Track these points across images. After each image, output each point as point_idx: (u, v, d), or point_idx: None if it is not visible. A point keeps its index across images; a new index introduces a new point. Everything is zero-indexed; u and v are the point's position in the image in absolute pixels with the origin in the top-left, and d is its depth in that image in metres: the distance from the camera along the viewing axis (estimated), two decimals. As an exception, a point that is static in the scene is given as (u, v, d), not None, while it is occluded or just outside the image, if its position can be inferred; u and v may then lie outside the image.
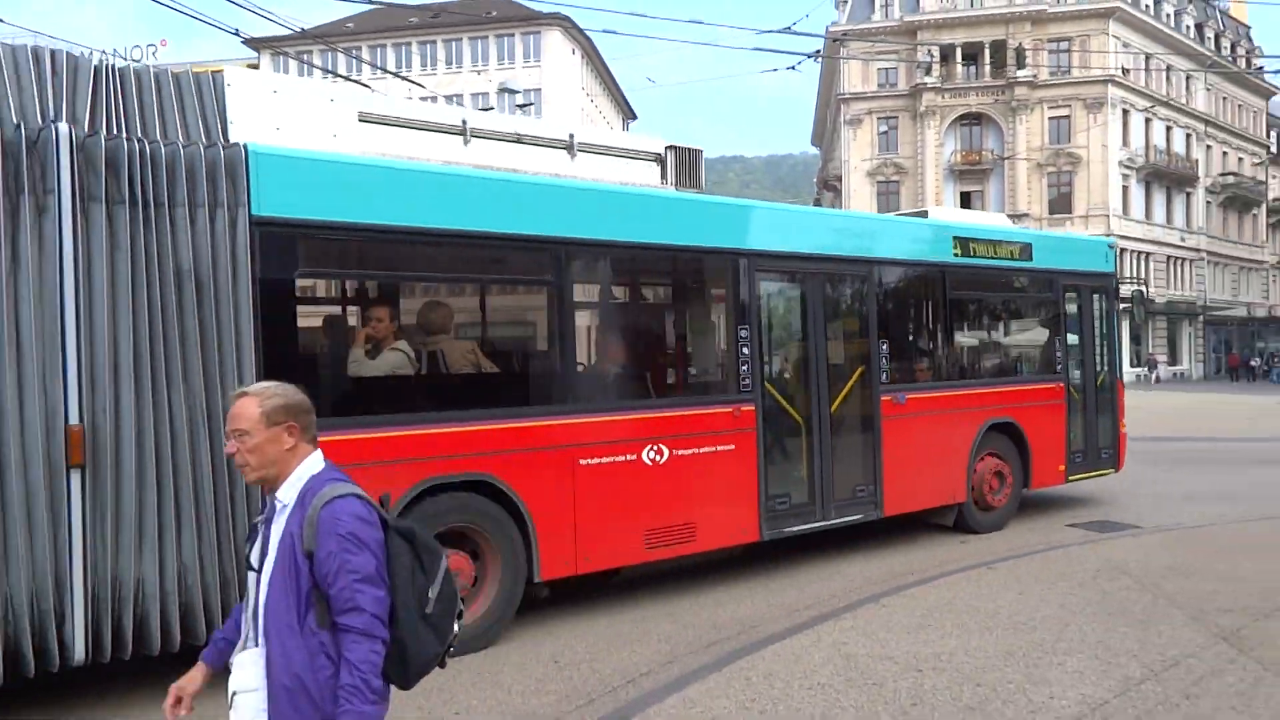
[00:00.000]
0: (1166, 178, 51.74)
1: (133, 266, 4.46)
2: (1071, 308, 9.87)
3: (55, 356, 4.29)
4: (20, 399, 4.22)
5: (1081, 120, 47.26)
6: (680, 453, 6.55)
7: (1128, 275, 48.51)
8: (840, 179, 51.14)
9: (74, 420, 4.31)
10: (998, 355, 9.77)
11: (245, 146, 4.82)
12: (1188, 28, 54.34)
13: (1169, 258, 52.43)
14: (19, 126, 4.27)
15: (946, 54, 47.77)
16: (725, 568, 7.58)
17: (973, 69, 48.50)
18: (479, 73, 51.60)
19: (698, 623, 6.20)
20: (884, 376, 7.96)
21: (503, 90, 38.76)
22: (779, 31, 15.61)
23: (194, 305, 4.62)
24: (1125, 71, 48.20)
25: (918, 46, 47.17)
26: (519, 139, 6.35)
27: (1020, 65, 46.77)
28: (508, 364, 6.61)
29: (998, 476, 8.90)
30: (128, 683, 4.99)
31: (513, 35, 52.69)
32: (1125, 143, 48.81)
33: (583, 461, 6.07)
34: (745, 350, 6.97)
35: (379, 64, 46.27)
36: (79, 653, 4.31)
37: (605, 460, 6.18)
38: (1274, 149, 65.72)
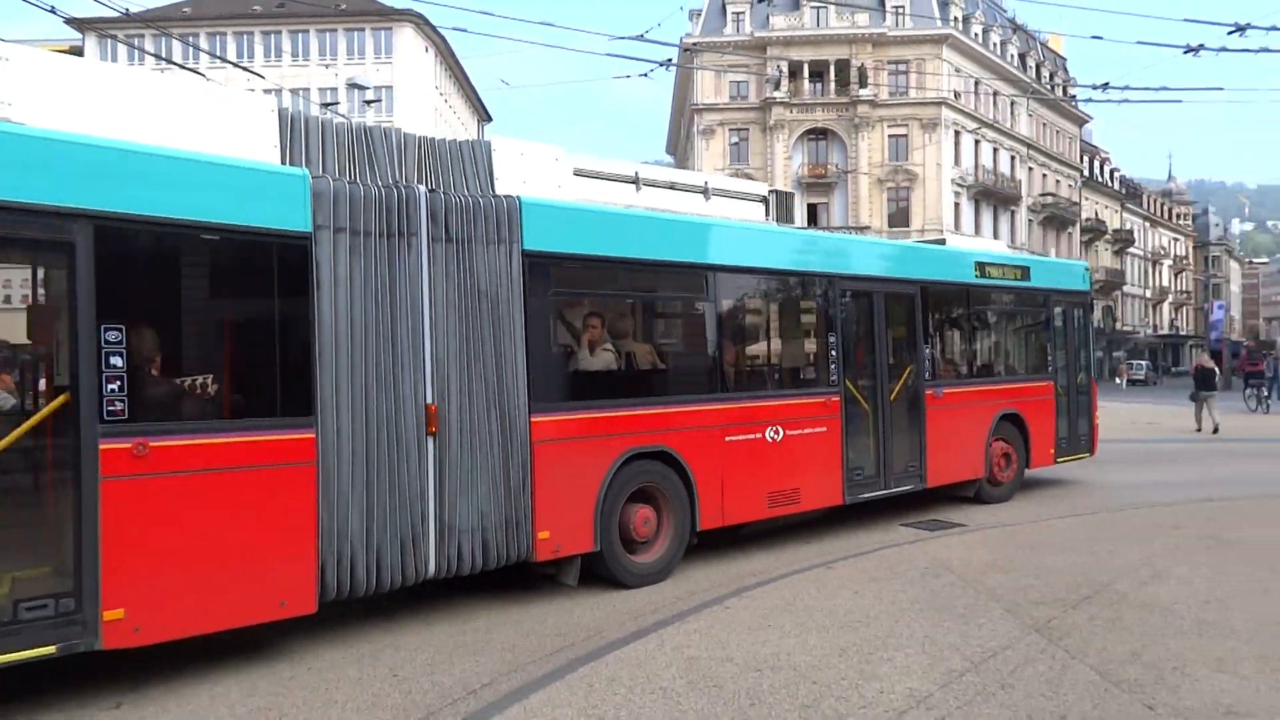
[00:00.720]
0: (994, 196, 55.20)
1: (457, 288, 6.22)
2: (1058, 319, 11.95)
3: (419, 353, 6.00)
4: (398, 385, 5.88)
5: (918, 139, 49.85)
6: (790, 433, 8.42)
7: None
8: (693, 188, 52.14)
9: (430, 400, 6.02)
10: (1004, 358, 11.69)
11: (518, 198, 6.57)
12: (1012, 56, 58.22)
13: (995, 271, 55.79)
14: (395, 186, 6.03)
15: (794, 70, 49.48)
16: (573, 574, 7.57)
17: (819, 86, 50.39)
18: (326, 66, 49.91)
19: (543, 630, 6.15)
20: (927, 374, 9.91)
21: (351, 86, 37.60)
22: (632, 38, 15.74)
23: (490, 315, 6.35)
24: (957, 95, 51.17)
25: (767, 61, 48.67)
26: (672, 186, 8.30)
27: (862, 84, 48.94)
28: (676, 361, 8.21)
29: (1005, 457, 10.93)
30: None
31: (363, 30, 51.23)
32: (957, 162, 51.80)
33: (727, 438, 7.89)
34: (833, 353, 8.87)
35: (218, 53, 44.03)
36: (431, 569, 6.04)
37: (742, 437, 8.03)
38: (1086, 173, 71.20)
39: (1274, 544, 8.03)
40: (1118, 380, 57.85)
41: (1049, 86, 61.54)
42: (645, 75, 17.37)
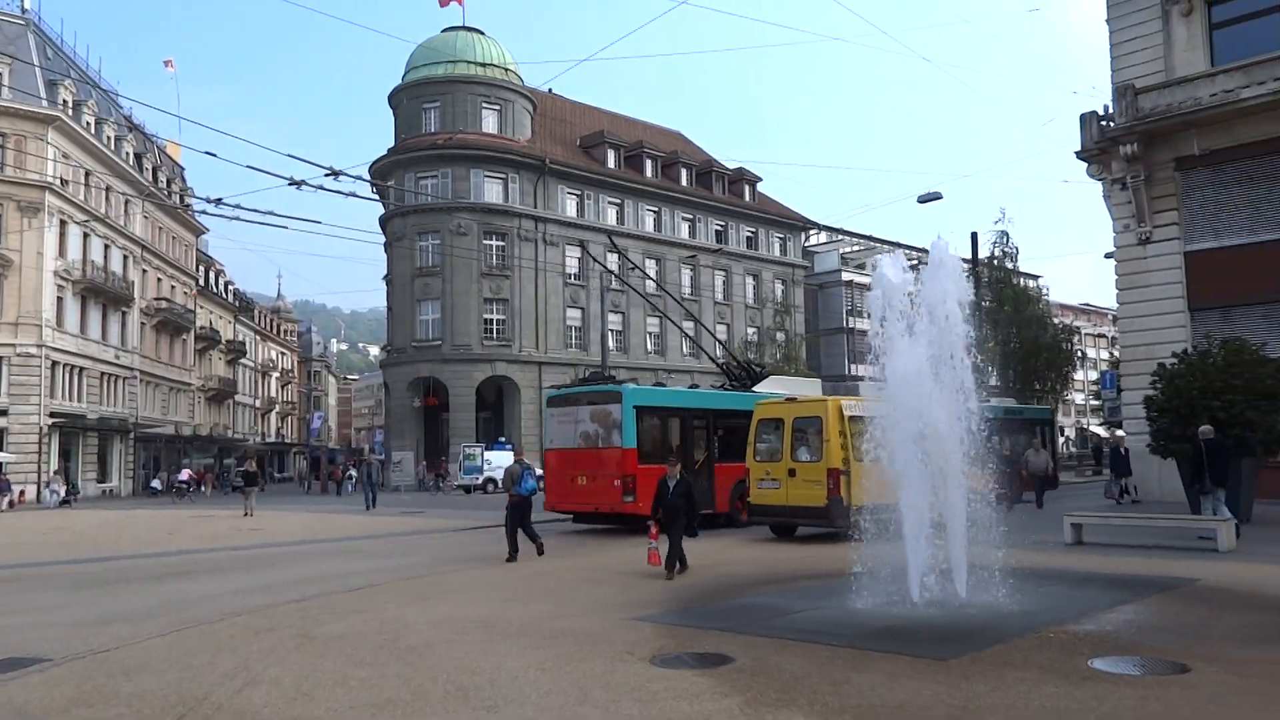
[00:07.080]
0: (104, 294, 52.23)
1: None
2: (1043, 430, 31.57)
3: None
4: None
5: (15, 222, 44.63)
6: None
7: (61, 390, 46.88)
8: None
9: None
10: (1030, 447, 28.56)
11: None
12: (128, 154, 56.59)
13: (103, 374, 52.54)
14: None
15: None
16: None
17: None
18: None
19: None
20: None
21: None
22: None
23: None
24: (64, 182, 47.50)
25: None
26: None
27: (-56, 149, 42.00)
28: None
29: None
30: None
31: None
32: (62, 253, 47.80)
33: None
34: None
35: None
36: None
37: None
38: (202, 282, 72.45)
39: (350, 635, 8.96)
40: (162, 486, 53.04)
41: (166, 192, 61.37)
42: None
